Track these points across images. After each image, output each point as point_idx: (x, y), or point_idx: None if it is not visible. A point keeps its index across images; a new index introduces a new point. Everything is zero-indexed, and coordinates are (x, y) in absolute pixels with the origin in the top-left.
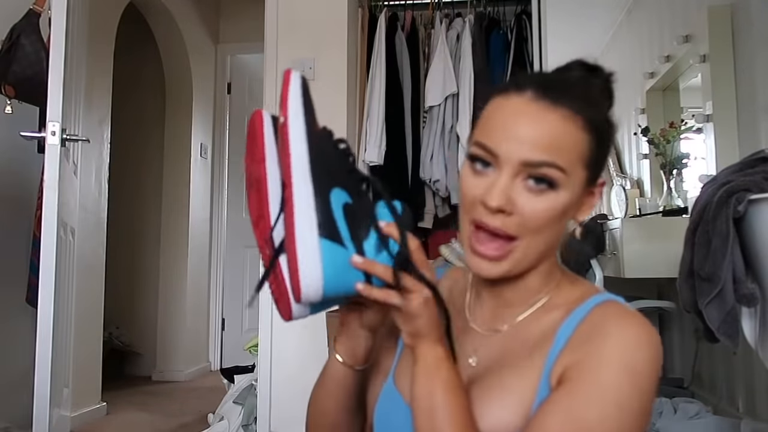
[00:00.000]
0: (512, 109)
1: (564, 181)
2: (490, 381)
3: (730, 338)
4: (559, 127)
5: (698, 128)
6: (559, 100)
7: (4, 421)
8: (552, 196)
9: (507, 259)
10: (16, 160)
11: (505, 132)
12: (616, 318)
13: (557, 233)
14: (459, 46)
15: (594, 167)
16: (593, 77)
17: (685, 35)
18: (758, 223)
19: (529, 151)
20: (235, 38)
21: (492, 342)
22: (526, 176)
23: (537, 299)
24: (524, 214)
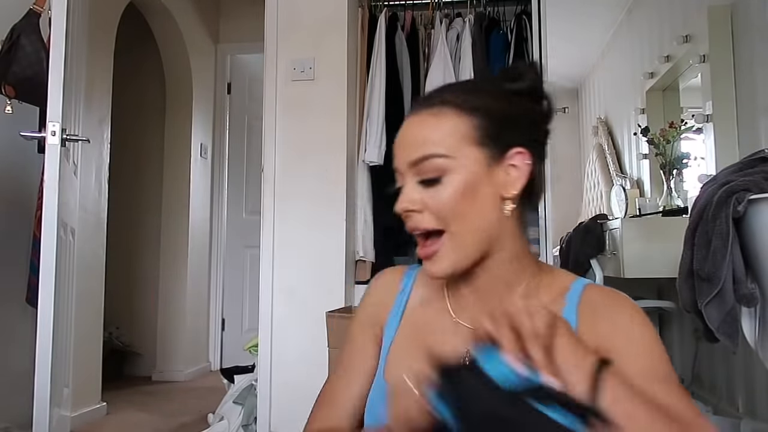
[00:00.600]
0: (401, 128)
1: (451, 164)
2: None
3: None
4: (430, 122)
5: (698, 128)
6: (429, 102)
7: (4, 421)
8: (445, 182)
9: (442, 254)
10: (16, 160)
11: (397, 147)
12: (613, 295)
13: (488, 213)
14: (459, 46)
15: (494, 141)
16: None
17: (685, 35)
18: (758, 223)
19: (409, 152)
20: (235, 38)
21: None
22: (419, 176)
23: (520, 287)
24: (430, 206)
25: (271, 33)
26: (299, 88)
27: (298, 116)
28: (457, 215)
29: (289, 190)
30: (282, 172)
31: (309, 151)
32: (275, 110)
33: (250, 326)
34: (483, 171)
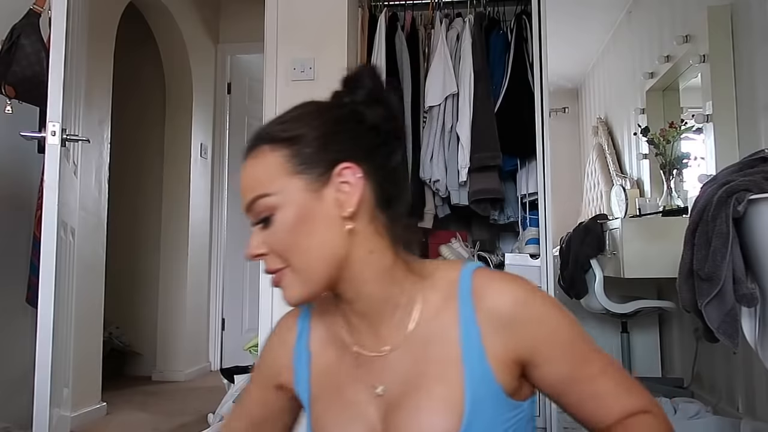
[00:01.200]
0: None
1: (277, 201)
2: (417, 396)
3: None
4: (250, 167)
5: (698, 128)
6: (250, 144)
7: (4, 421)
8: (276, 221)
9: (286, 282)
10: (16, 160)
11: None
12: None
13: (328, 238)
14: (459, 46)
15: (312, 166)
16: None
17: (685, 35)
18: (758, 223)
19: (242, 200)
20: (235, 38)
21: (395, 361)
22: (255, 219)
23: (404, 302)
24: (273, 247)
25: (271, 33)
26: (299, 88)
27: None
28: (296, 249)
29: None
30: None
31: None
32: (275, 110)
33: (250, 326)
34: (310, 198)
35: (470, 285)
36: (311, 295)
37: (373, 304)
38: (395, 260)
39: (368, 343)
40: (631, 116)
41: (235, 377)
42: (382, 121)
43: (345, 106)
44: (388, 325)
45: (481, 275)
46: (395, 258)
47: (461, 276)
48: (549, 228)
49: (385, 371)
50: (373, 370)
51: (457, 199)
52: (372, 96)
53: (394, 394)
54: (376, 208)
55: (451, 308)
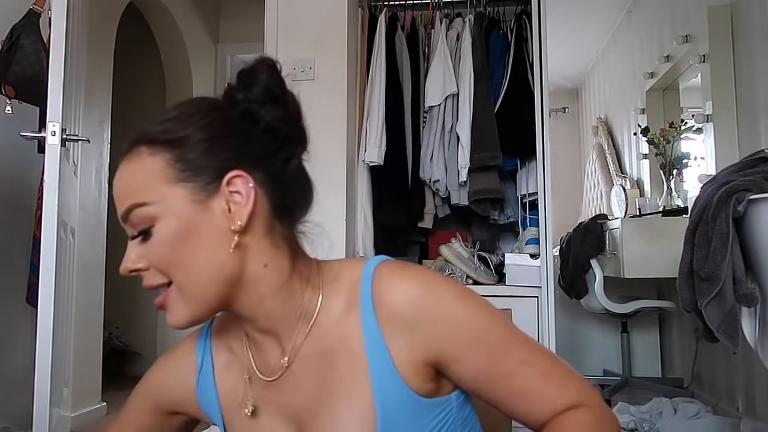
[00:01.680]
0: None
1: (156, 211)
2: (319, 418)
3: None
4: (126, 172)
5: (698, 128)
6: (127, 146)
7: (4, 421)
8: (156, 233)
9: (173, 304)
10: (16, 160)
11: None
12: (403, 293)
13: (207, 258)
14: (459, 46)
15: (198, 173)
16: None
17: (685, 35)
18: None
19: (118, 206)
20: (235, 38)
21: (301, 378)
22: (132, 231)
23: (303, 315)
24: (152, 261)
25: (271, 33)
26: (299, 88)
27: None
28: (179, 265)
29: None
30: None
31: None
32: None
33: None
34: (194, 209)
35: (371, 285)
36: (199, 317)
37: (274, 321)
38: (292, 271)
39: (274, 361)
40: (631, 116)
41: None
42: (279, 123)
43: (237, 105)
44: (290, 340)
45: (381, 272)
46: (292, 269)
47: (363, 275)
48: (549, 228)
49: (293, 390)
50: (282, 389)
51: (457, 199)
52: (269, 94)
53: (305, 414)
54: (272, 218)
55: (354, 313)
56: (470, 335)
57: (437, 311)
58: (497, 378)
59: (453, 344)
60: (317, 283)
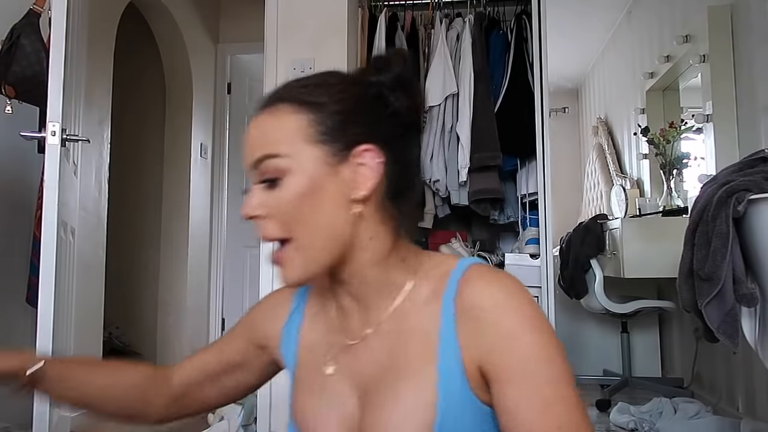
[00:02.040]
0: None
1: (289, 164)
2: (382, 392)
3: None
4: (266, 122)
5: (698, 128)
6: (267, 100)
7: (4, 421)
8: (284, 185)
9: (290, 261)
10: (16, 160)
11: (243, 150)
12: (486, 293)
13: (331, 217)
14: (459, 46)
15: (334, 139)
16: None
17: (685, 35)
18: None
19: (249, 155)
20: (235, 38)
21: (366, 350)
22: (260, 178)
23: (395, 292)
24: (272, 211)
25: (271, 33)
26: None
27: None
28: (300, 220)
29: None
30: None
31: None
32: None
33: None
34: (325, 171)
35: (459, 279)
36: (312, 275)
37: (366, 291)
38: (392, 249)
39: (355, 328)
40: (631, 116)
41: None
42: (405, 111)
43: (371, 86)
44: (375, 312)
45: (473, 270)
46: (392, 247)
47: (455, 269)
48: (549, 228)
49: (366, 359)
50: (357, 357)
51: (457, 199)
52: (399, 82)
53: (372, 385)
54: (385, 196)
55: (437, 301)
56: (523, 365)
57: (506, 326)
58: (524, 421)
59: (503, 363)
60: (412, 266)
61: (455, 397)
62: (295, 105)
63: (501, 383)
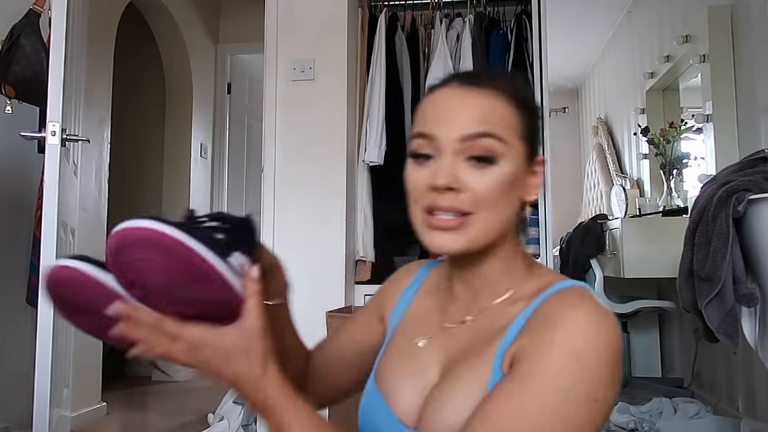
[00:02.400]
0: (442, 98)
1: (504, 150)
2: (450, 375)
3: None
4: (486, 101)
5: (698, 128)
6: (483, 83)
7: (4, 421)
8: (495, 168)
9: (464, 230)
10: (16, 160)
11: (439, 117)
12: (568, 304)
13: (510, 210)
14: (459, 46)
15: (530, 141)
16: (512, 75)
17: (685, 35)
18: (758, 223)
19: (464, 126)
20: (235, 38)
21: (458, 335)
22: (467, 155)
23: (502, 289)
24: (473, 188)
25: (271, 33)
26: (299, 88)
27: (298, 116)
28: (492, 203)
29: (288, 190)
30: (282, 173)
31: (309, 151)
32: (275, 110)
33: None
34: (522, 168)
35: (545, 298)
36: (470, 250)
37: (484, 282)
38: (520, 251)
39: (455, 314)
40: (631, 116)
41: None
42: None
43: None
44: (478, 305)
45: (560, 296)
46: (520, 249)
47: (558, 283)
48: (549, 228)
49: (452, 344)
50: (447, 339)
51: None
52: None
53: (449, 365)
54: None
55: (523, 305)
56: (537, 368)
57: (559, 335)
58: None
59: (524, 357)
60: (522, 272)
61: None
62: (511, 99)
63: (508, 376)
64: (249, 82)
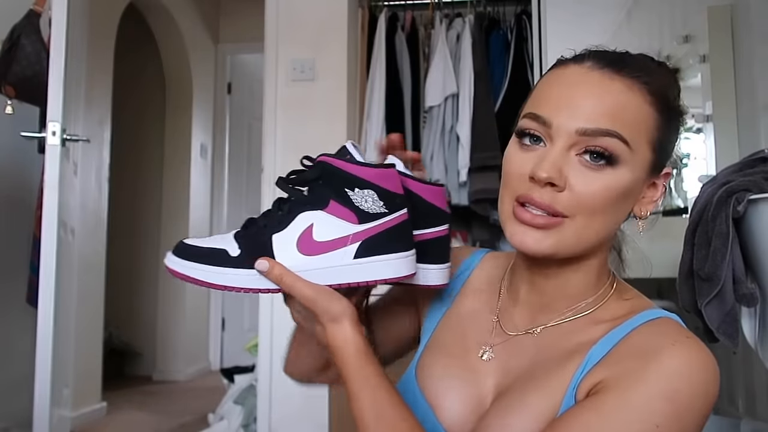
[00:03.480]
0: (569, 78)
1: (627, 156)
2: (513, 394)
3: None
4: (622, 95)
5: (698, 128)
6: (624, 68)
7: (4, 421)
8: (610, 173)
9: (554, 231)
10: (17, 160)
11: (560, 101)
12: (669, 339)
13: (614, 222)
14: (459, 46)
15: (661, 151)
16: (658, 63)
17: (685, 35)
18: (758, 223)
19: (587, 119)
20: (235, 38)
21: (522, 347)
22: (583, 149)
23: (580, 305)
24: (577, 190)
25: (271, 33)
26: (299, 88)
27: (298, 116)
28: (595, 210)
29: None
30: (282, 172)
31: (309, 151)
32: (275, 110)
33: (250, 326)
34: (643, 178)
35: (634, 327)
36: (557, 256)
37: (561, 293)
38: (606, 264)
39: (518, 321)
40: None
41: (235, 377)
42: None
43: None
44: (548, 315)
45: (654, 328)
46: (607, 261)
47: (646, 311)
48: None
49: (514, 357)
50: (509, 351)
51: (457, 199)
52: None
53: (509, 381)
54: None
55: (606, 328)
56: (629, 415)
57: (653, 382)
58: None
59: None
60: (610, 290)
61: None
62: (652, 96)
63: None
64: (249, 82)
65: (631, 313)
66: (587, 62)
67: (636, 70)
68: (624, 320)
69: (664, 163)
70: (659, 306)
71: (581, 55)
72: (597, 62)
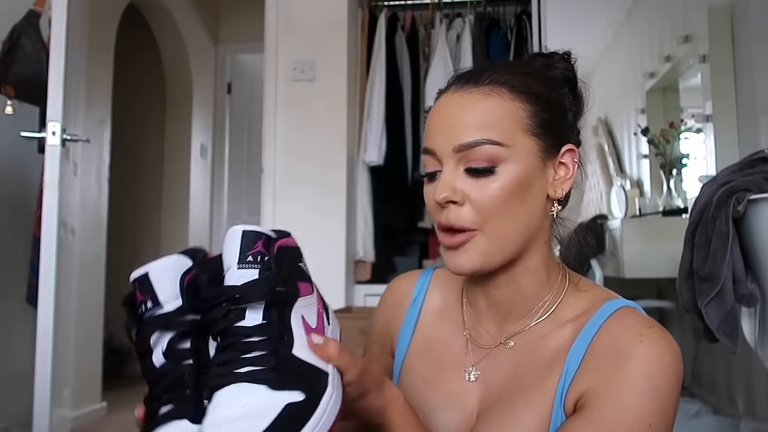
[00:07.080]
0: (440, 106)
1: (505, 153)
2: (502, 411)
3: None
4: (482, 103)
5: (698, 128)
6: (479, 79)
7: (4, 421)
8: (498, 173)
9: (471, 246)
10: (16, 160)
11: (436, 128)
12: (635, 334)
13: (528, 214)
14: (459, 46)
15: (547, 133)
16: (538, 57)
17: (685, 35)
18: (758, 223)
19: (459, 135)
20: (235, 38)
21: (498, 360)
22: (466, 164)
23: (540, 306)
24: (475, 199)
25: (271, 33)
26: (299, 88)
27: (298, 116)
28: (501, 213)
29: (289, 191)
30: (282, 173)
31: (309, 151)
32: (275, 110)
33: None
34: (536, 165)
35: (606, 317)
36: (488, 267)
37: (516, 298)
38: (553, 257)
39: (484, 333)
40: (631, 116)
41: None
42: (581, 112)
43: (573, 83)
44: (512, 323)
45: (618, 322)
46: (553, 254)
47: (606, 304)
48: None
49: (490, 368)
50: (485, 361)
51: None
52: (573, 81)
53: (492, 395)
54: (561, 200)
55: (575, 329)
56: (625, 423)
57: (637, 384)
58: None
59: (602, 411)
60: (560, 282)
61: (558, 423)
62: (513, 92)
63: (580, 419)
64: (249, 82)
65: (593, 307)
66: (452, 87)
67: (489, 76)
68: (588, 318)
69: (560, 141)
70: (658, 305)
71: (449, 82)
72: (457, 83)
